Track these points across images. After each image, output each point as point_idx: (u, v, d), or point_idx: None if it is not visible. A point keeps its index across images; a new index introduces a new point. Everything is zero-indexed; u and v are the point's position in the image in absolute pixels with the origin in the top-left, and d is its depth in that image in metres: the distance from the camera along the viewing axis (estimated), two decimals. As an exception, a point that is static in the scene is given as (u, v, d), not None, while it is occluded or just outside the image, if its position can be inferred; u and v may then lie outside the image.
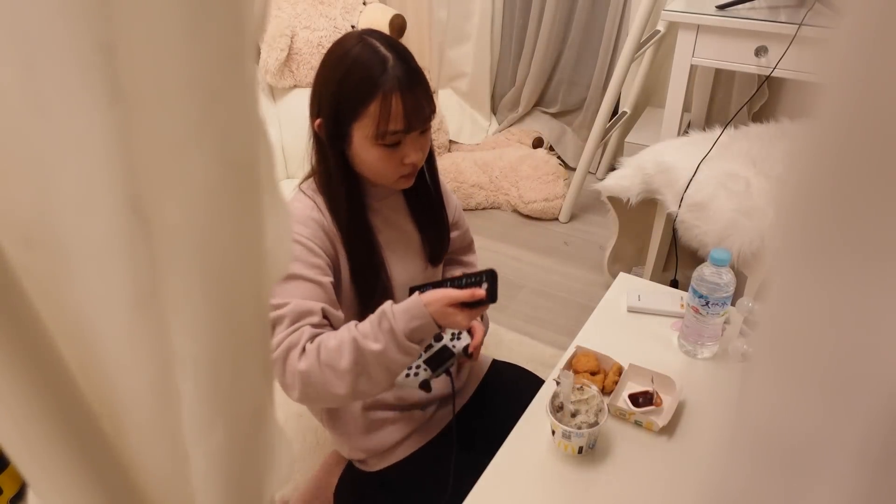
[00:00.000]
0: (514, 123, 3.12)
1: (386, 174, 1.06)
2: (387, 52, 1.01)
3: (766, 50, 1.74)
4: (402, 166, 1.06)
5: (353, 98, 1.00)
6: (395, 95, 0.99)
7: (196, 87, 0.31)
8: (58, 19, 0.27)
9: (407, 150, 1.04)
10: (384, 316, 0.97)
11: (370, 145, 1.02)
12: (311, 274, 1.02)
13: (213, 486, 0.42)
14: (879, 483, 0.30)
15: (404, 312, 0.96)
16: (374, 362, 0.95)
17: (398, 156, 1.04)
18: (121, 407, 0.38)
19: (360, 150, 1.04)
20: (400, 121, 1.00)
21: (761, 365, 0.32)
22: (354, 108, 1.01)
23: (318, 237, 1.06)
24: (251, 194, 0.36)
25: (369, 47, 1.01)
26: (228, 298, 0.38)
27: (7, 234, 0.32)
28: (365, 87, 0.99)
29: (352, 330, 0.97)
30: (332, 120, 1.03)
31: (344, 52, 1.03)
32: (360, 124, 1.01)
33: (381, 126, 1.00)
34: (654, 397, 1.09)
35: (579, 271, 2.38)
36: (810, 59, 0.25)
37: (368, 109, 1.00)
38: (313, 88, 1.07)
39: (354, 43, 1.03)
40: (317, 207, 1.08)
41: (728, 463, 0.35)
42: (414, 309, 0.96)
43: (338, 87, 1.01)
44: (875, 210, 0.25)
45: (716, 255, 1.13)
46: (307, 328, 0.97)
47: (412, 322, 0.96)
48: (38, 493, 0.37)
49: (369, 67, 1.00)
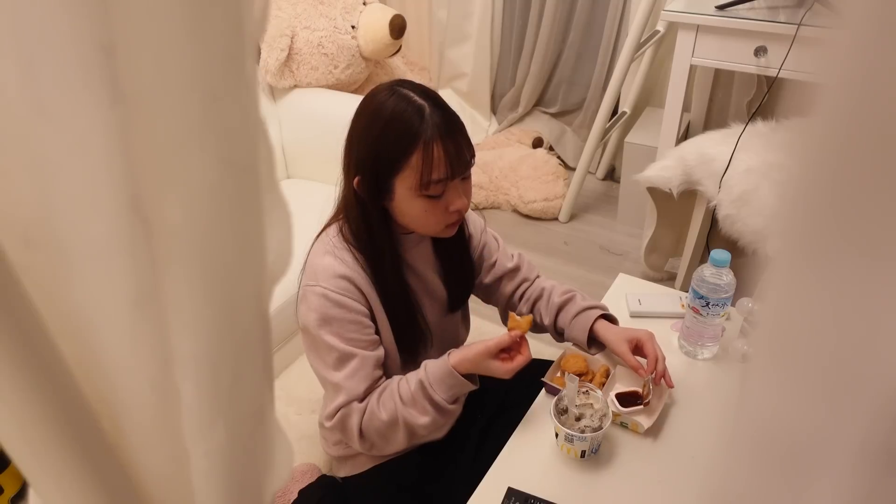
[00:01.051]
0: (514, 123, 3.12)
1: (431, 224, 1.05)
2: (422, 100, 1.00)
3: (766, 50, 1.74)
4: (448, 215, 1.04)
5: (394, 151, 0.99)
6: (436, 143, 0.98)
7: (196, 87, 0.31)
8: (58, 19, 0.27)
9: (451, 197, 1.03)
10: (424, 388, 1.04)
11: (413, 196, 1.01)
12: (363, 348, 1.06)
13: (213, 486, 0.42)
14: (879, 482, 0.30)
15: (440, 383, 1.04)
16: (425, 429, 1.07)
17: (442, 205, 1.02)
18: (121, 406, 0.38)
19: (404, 202, 1.02)
20: (443, 168, 0.99)
21: (762, 365, 0.32)
22: (396, 161, 0.99)
23: (356, 296, 1.06)
24: (251, 194, 0.36)
25: (403, 98, 1.00)
26: (228, 298, 0.38)
27: (7, 234, 0.32)
28: (405, 138, 0.98)
29: (399, 406, 1.05)
30: (372, 176, 1.01)
31: (378, 105, 1.01)
32: (403, 176, 0.99)
33: (424, 176, 0.98)
34: (643, 398, 1.09)
35: (579, 271, 2.37)
36: (810, 59, 0.25)
37: (410, 161, 0.98)
38: (347, 145, 1.05)
39: (387, 96, 1.01)
40: (347, 263, 1.06)
41: (729, 462, 0.35)
42: (448, 378, 1.04)
43: (376, 143, 1.00)
44: (875, 210, 0.25)
45: (716, 255, 1.13)
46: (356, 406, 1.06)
47: (450, 390, 1.04)
48: (38, 493, 0.37)
49: (407, 118, 0.98)
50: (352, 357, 1.05)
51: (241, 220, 0.36)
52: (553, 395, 1.10)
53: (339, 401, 1.06)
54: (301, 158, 2.24)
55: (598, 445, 1.03)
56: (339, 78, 2.35)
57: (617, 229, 2.61)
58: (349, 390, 1.06)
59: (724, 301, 1.15)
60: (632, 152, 2.49)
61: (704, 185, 1.76)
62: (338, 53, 2.32)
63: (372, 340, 1.08)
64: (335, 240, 1.08)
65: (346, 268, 1.05)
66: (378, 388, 1.08)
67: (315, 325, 1.05)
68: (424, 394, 1.04)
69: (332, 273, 1.04)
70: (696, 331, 1.19)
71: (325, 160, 2.22)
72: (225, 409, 0.40)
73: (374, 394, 1.07)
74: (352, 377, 1.06)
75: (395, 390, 1.06)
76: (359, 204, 1.06)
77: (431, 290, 1.19)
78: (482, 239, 1.28)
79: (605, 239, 2.57)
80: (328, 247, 1.08)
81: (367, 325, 1.07)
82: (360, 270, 1.07)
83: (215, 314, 0.37)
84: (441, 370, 1.04)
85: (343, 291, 1.04)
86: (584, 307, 1.23)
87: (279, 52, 2.23)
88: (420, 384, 1.05)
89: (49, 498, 0.37)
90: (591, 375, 1.16)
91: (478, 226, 1.28)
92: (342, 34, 2.33)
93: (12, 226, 0.32)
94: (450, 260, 1.19)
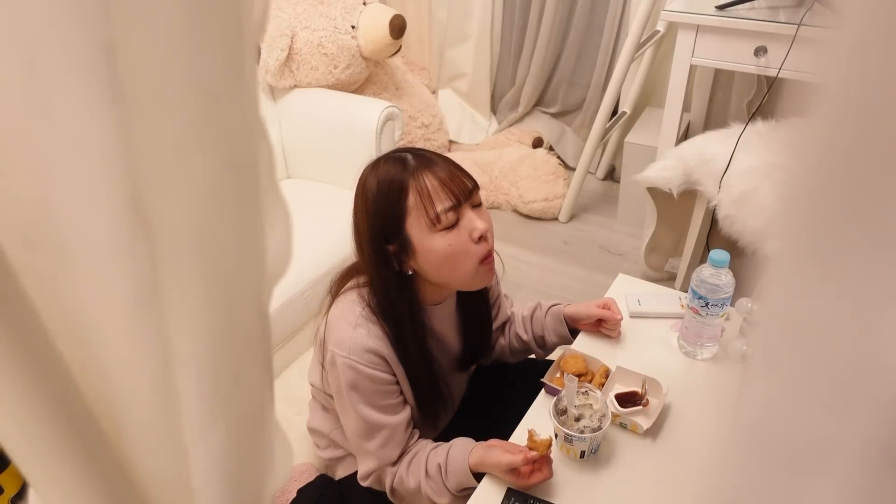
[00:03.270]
0: (514, 123, 3.12)
1: (462, 262, 1.02)
2: (402, 153, 1.03)
3: (766, 50, 1.74)
4: (475, 245, 1.02)
5: (392, 204, 1.00)
6: (426, 177, 0.99)
7: (196, 87, 0.31)
8: (58, 19, 0.27)
9: (468, 223, 1.01)
10: (440, 472, 1.07)
11: (431, 236, 1.00)
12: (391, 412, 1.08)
13: (213, 486, 0.42)
14: (880, 483, 0.30)
15: (454, 474, 1.06)
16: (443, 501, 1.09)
17: (464, 233, 1.01)
18: (121, 406, 0.38)
19: (425, 249, 1.01)
20: (443, 196, 0.99)
21: (761, 365, 0.32)
22: (397, 211, 1.00)
23: (384, 367, 1.06)
24: (251, 194, 0.36)
25: (384, 161, 1.03)
26: (228, 298, 0.38)
27: (7, 234, 0.32)
28: (395, 187, 1.00)
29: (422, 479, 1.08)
30: (384, 242, 1.02)
31: (364, 181, 1.04)
32: (411, 222, 1.00)
33: (429, 210, 0.98)
34: (641, 398, 1.09)
35: (579, 271, 2.38)
36: (810, 59, 0.25)
37: (409, 204, 0.99)
38: (354, 230, 1.07)
39: (371, 170, 1.04)
40: (376, 336, 1.06)
41: (728, 463, 0.35)
42: (461, 476, 1.05)
43: (374, 209, 1.01)
44: (875, 210, 0.25)
45: (715, 256, 1.13)
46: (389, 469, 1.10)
47: (460, 483, 1.06)
48: (38, 493, 0.37)
49: (392, 173, 1.01)
50: (382, 428, 1.07)
51: (240, 220, 0.36)
52: (552, 396, 1.10)
53: (372, 466, 1.10)
54: (301, 158, 2.24)
55: (597, 446, 1.03)
56: (339, 78, 2.35)
57: (617, 229, 2.61)
58: (382, 458, 1.09)
59: (724, 301, 1.15)
60: (632, 152, 2.49)
61: (704, 185, 1.76)
62: (338, 53, 2.32)
63: (399, 402, 1.10)
64: (364, 311, 1.07)
65: (375, 341, 1.05)
66: (410, 450, 1.11)
67: (345, 392, 1.06)
68: (440, 477, 1.07)
69: (362, 347, 1.04)
70: (696, 331, 1.19)
71: (325, 160, 2.22)
72: (225, 409, 0.40)
73: (405, 457, 1.10)
74: (384, 447, 1.08)
75: (422, 462, 1.09)
76: (379, 276, 1.06)
77: (449, 350, 1.20)
78: (497, 290, 1.31)
79: (605, 239, 2.57)
80: (355, 316, 1.06)
81: (395, 392, 1.09)
82: (387, 340, 1.07)
83: (215, 314, 0.37)
84: (458, 465, 1.05)
85: (372, 365, 1.05)
86: (550, 305, 1.31)
87: (279, 52, 2.23)
88: (438, 468, 1.07)
89: (49, 498, 0.37)
90: (590, 376, 1.16)
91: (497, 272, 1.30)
92: (342, 34, 2.33)
93: (12, 226, 0.32)
94: (472, 319, 1.21)
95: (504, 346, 1.35)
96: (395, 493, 1.13)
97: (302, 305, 1.78)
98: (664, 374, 1.12)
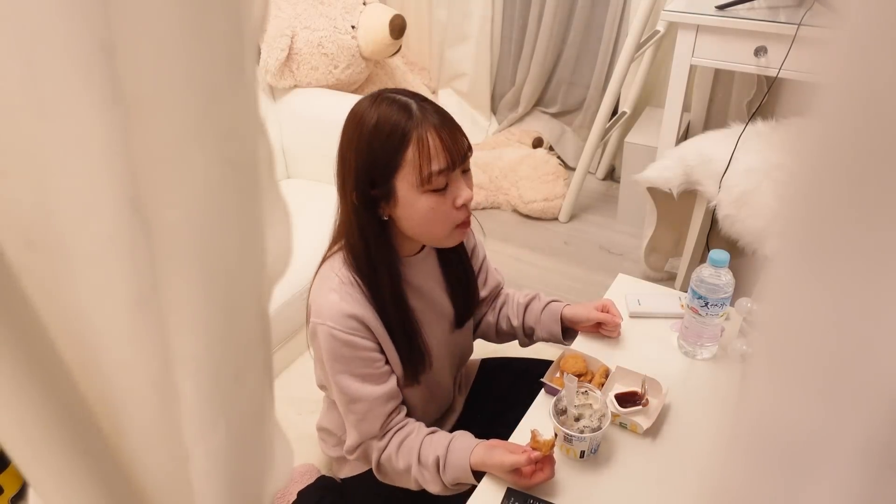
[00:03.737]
0: (514, 123, 3.12)
1: (439, 227, 1.02)
2: (406, 98, 0.99)
3: (766, 50, 1.74)
4: (456, 211, 1.01)
5: (388, 151, 0.96)
6: (429, 133, 0.96)
7: (196, 87, 0.31)
8: (58, 19, 0.27)
9: (455, 189, 1.00)
10: (438, 465, 1.05)
11: (418, 195, 0.98)
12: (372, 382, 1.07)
13: (213, 486, 0.42)
14: (880, 483, 0.30)
15: (453, 469, 1.04)
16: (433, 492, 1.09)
17: (448, 199, 1.00)
18: (121, 407, 0.38)
19: (408, 204, 0.99)
20: (442, 158, 0.97)
21: (761, 365, 0.32)
22: (391, 161, 0.97)
23: (363, 333, 1.05)
24: (251, 194, 0.36)
25: (386, 100, 0.99)
26: (228, 298, 0.38)
27: (7, 234, 0.32)
28: (397, 135, 0.96)
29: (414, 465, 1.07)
30: (368, 184, 0.99)
31: (362, 115, 0.99)
32: (402, 175, 0.97)
33: (423, 169, 0.96)
34: (640, 398, 1.09)
35: (579, 271, 2.38)
36: (810, 59, 0.25)
37: (406, 157, 0.96)
38: (339, 162, 1.03)
39: (370, 104, 1.00)
40: (354, 300, 1.04)
41: (728, 463, 0.35)
42: (460, 472, 1.04)
43: (368, 148, 0.97)
44: (875, 210, 0.25)
45: (715, 256, 1.13)
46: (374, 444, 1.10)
47: (458, 479, 1.05)
48: (38, 493, 0.37)
49: (394, 118, 0.96)
50: (358, 401, 1.06)
51: (240, 219, 0.36)
52: (552, 396, 1.10)
53: (356, 440, 1.10)
54: (301, 158, 2.24)
55: (597, 446, 1.03)
56: (339, 78, 2.35)
57: (617, 229, 2.61)
58: (363, 433, 1.09)
59: (723, 301, 1.15)
60: (632, 152, 2.49)
61: (704, 185, 1.76)
62: (338, 53, 2.32)
63: (382, 373, 1.08)
64: (341, 273, 1.06)
65: (353, 305, 1.03)
66: (398, 426, 1.10)
67: (327, 363, 1.05)
68: (436, 469, 1.06)
69: (339, 312, 1.02)
70: (696, 331, 1.19)
71: (325, 160, 2.21)
72: (225, 409, 0.40)
73: (396, 437, 1.09)
74: (362, 421, 1.07)
75: (415, 448, 1.07)
76: (357, 221, 1.03)
77: (439, 309, 1.18)
78: (482, 252, 1.29)
79: (605, 239, 2.57)
80: (333, 282, 1.05)
81: (377, 360, 1.07)
82: (367, 304, 1.05)
83: (215, 314, 0.37)
84: (459, 462, 1.04)
85: (351, 331, 1.03)
86: (549, 301, 1.29)
87: (279, 52, 2.23)
88: (437, 461, 1.05)
89: (49, 498, 0.37)
90: (590, 376, 1.16)
91: (478, 237, 1.29)
92: (342, 34, 2.33)
93: (12, 226, 0.32)
94: (454, 274, 1.19)
95: (491, 323, 1.33)
96: (380, 468, 1.11)
97: (302, 305, 1.77)
98: (664, 374, 1.12)
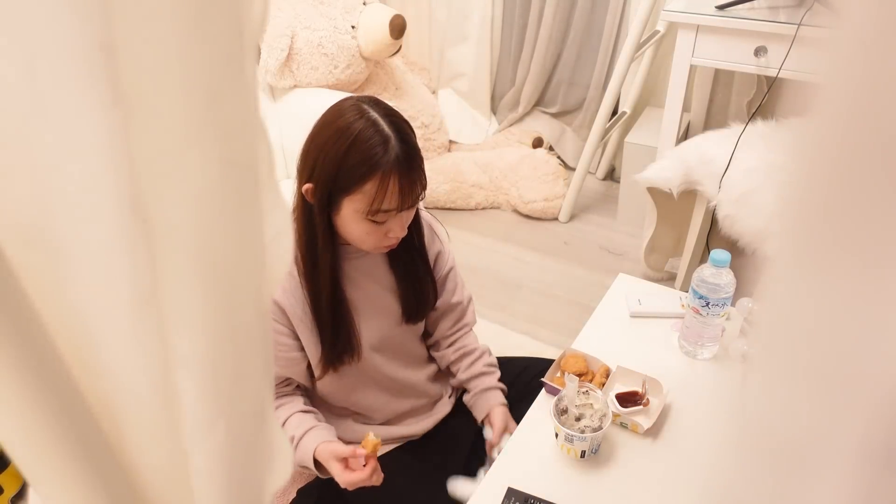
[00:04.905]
0: (514, 123, 3.11)
1: (367, 244, 1.08)
2: (389, 130, 1.01)
3: (766, 50, 1.74)
4: (385, 238, 1.07)
5: (353, 175, 1.00)
6: (392, 177, 0.99)
7: (196, 87, 0.31)
8: (59, 20, 0.27)
9: (392, 226, 1.05)
10: (293, 445, 1.12)
11: (358, 219, 1.03)
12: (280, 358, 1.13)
13: (213, 486, 0.42)
14: (879, 481, 0.30)
15: (299, 452, 1.12)
16: None
17: (383, 230, 1.05)
18: (121, 407, 0.38)
19: (347, 221, 1.04)
20: (394, 200, 1.01)
21: (762, 365, 0.32)
22: (351, 184, 1.00)
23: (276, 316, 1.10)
24: (251, 194, 0.36)
25: (371, 123, 1.01)
26: (228, 298, 0.38)
27: (7, 234, 0.32)
28: (366, 166, 0.99)
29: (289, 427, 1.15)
30: (325, 190, 1.03)
31: (345, 125, 1.01)
32: (353, 198, 1.01)
33: (374, 205, 1.00)
34: (641, 398, 1.09)
35: (579, 271, 2.37)
36: (810, 59, 0.25)
37: (364, 187, 1.00)
38: (306, 153, 1.05)
39: (356, 116, 1.02)
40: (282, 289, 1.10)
41: (729, 462, 0.35)
42: (305, 459, 1.12)
43: (338, 162, 1.01)
44: (875, 210, 0.25)
45: (716, 255, 1.13)
46: None
47: (302, 462, 1.13)
48: (38, 493, 0.37)
49: (371, 146, 0.99)
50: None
51: (240, 220, 0.36)
52: (553, 395, 1.10)
53: None
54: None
55: (597, 445, 1.03)
56: (339, 78, 2.35)
57: (617, 229, 2.61)
58: None
59: (724, 301, 1.15)
60: (632, 152, 2.49)
61: (704, 185, 1.76)
62: (338, 53, 2.32)
63: (284, 358, 1.14)
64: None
65: (280, 293, 1.09)
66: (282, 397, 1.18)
67: None
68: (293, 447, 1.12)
69: None
70: (696, 331, 1.19)
71: (325, 160, 2.22)
72: (225, 409, 0.40)
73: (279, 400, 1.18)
74: None
75: (282, 417, 1.15)
76: (306, 209, 1.07)
77: (379, 305, 1.19)
78: (449, 261, 1.29)
79: (605, 239, 2.57)
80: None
81: (282, 345, 1.12)
82: (297, 290, 1.10)
83: (215, 314, 0.37)
84: (305, 450, 1.12)
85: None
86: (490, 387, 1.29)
87: (279, 52, 2.23)
88: (292, 438, 1.13)
89: (49, 498, 0.37)
90: (590, 375, 1.16)
91: (446, 244, 1.29)
92: (342, 34, 2.33)
93: (12, 226, 0.32)
94: (404, 269, 1.20)
95: (447, 360, 1.34)
96: None
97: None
98: (664, 374, 1.12)
